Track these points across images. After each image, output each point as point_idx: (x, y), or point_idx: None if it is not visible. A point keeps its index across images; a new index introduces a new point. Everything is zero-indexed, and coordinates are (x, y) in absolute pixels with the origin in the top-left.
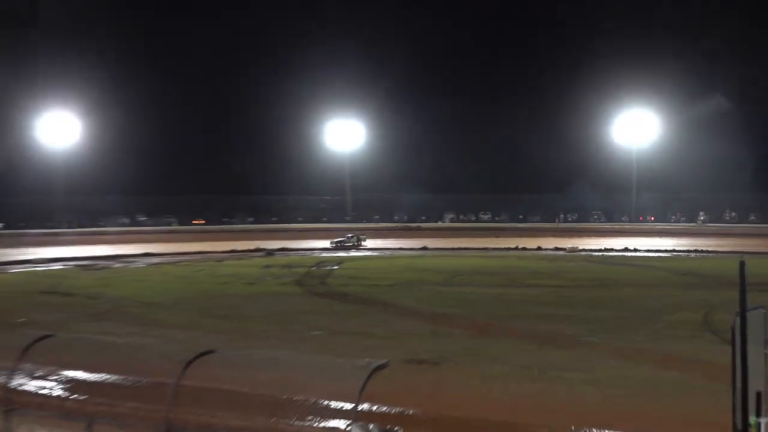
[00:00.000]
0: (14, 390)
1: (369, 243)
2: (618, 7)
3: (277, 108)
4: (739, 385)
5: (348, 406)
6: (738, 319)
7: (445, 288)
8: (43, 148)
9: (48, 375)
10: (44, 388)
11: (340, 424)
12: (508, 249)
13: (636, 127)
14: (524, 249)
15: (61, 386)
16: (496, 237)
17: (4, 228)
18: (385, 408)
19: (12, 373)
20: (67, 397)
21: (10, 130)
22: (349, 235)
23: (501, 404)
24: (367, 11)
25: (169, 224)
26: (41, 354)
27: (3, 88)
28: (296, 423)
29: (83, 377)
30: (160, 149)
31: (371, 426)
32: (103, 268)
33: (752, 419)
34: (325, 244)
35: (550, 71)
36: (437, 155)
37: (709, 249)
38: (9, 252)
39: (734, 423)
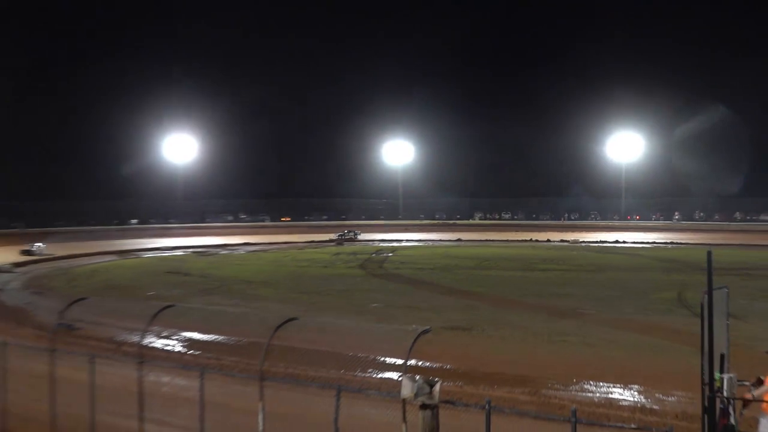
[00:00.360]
0: (145, 347)
1: (414, 236)
2: (611, 52)
3: (346, 129)
4: (706, 348)
5: (399, 362)
6: (705, 297)
7: (474, 271)
8: (167, 163)
9: (171, 335)
10: (168, 345)
11: (393, 375)
12: (524, 241)
13: (624, 146)
14: (536, 241)
15: (181, 344)
16: (515, 231)
17: (138, 223)
18: (428, 364)
19: (144, 333)
20: (185, 353)
21: (143, 148)
22: (346, 231)
23: (518, 362)
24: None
25: (262, 221)
26: (165, 319)
27: (137, 114)
28: (359, 374)
29: (197, 337)
30: (255, 163)
31: (417, 377)
32: (213, 254)
33: (717, 375)
34: (383, 236)
35: (558, 103)
36: (468, 168)
37: (683, 241)
38: (142, 241)
39: (702, 378)
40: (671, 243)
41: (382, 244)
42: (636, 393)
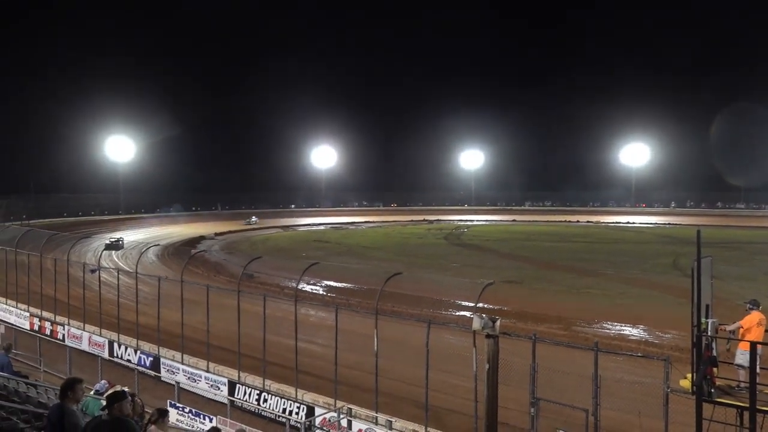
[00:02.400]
0: (299, 290)
1: (482, 218)
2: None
3: (433, 141)
4: (695, 300)
5: (471, 304)
6: (695, 263)
7: (524, 242)
8: (314, 168)
9: (316, 283)
10: (314, 289)
11: (467, 314)
12: (560, 222)
13: (634, 153)
14: (569, 222)
15: (322, 289)
16: (553, 215)
17: (295, 207)
18: (491, 306)
19: (299, 281)
20: (325, 294)
21: (299, 157)
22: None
23: (555, 306)
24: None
25: (378, 206)
26: (312, 272)
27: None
28: (443, 312)
29: (333, 284)
30: (373, 164)
31: (483, 315)
32: (344, 228)
33: (703, 320)
34: (460, 217)
35: (587, 119)
36: (524, 166)
37: (677, 223)
38: (297, 220)
39: (692, 321)
40: (668, 224)
41: (459, 223)
42: (641, 331)
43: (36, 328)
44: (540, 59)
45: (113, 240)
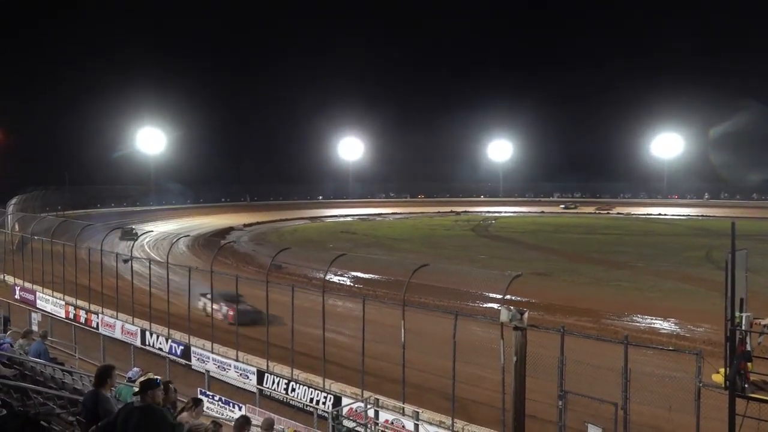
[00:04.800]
0: (327, 281)
1: (510, 209)
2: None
3: (461, 131)
4: (729, 294)
5: (499, 296)
6: (729, 256)
7: (553, 234)
8: (341, 160)
9: (343, 274)
10: (341, 280)
11: (494, 306)
12: (590, 213)
13: (666, 145)
14: (599, 213)
15: (349, 280)
16: (583, 206)
17: (323, 199)
18: (519, 298)
19: (326, 272)
20: (352, 285)
21: (327, 149)
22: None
23: (584, 299)
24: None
25: (405, 197)
26: (339, 263)
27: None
28: (470, 304)
29: (360, 275)
30: (401, 157)
31: (511, 308)
32: (371, 220)
33: (738, 314)
34: (488, 209)
35: (617, 110)
36: (554, 160)
37: (710, 215)
38: (325, 211)
39: (726, 316)
40: (702, 216)
41: (487, 215)
42: (673, 324)
43: (71, 316)
44: (570, 50)
45: (127, 229)
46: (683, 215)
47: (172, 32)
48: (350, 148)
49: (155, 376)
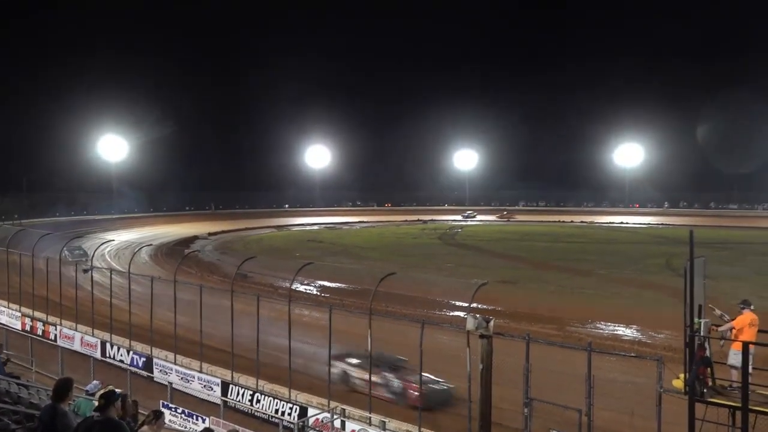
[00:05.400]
0: (293, 290)
1: (479, 217)
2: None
3: (427, 141)
4: (688, 300)
5: (465, 305)
6: (688, 263)
7: (519, 242)
8: (308, 168)
9: (310, 283)
10: (307, 289)
11: (461, 314)
12: (554, 222)
13: (628, 154)
14: (563, 222)
15: (316, 289)
16: (548, 215)
17: (288, 207)
18: (484, 306)
19: (292, 281)
20: (319, 295)
21: (292, 155)
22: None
23: (549, 306)
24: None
25: (372, 206)
26: (306, 272)
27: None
28: (437, 312)
29: (327, 284)
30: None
31: (477, 316)
32: (338, 228)
33: (696, 320)
34: (454, 217)
35: (581, 119)
36: (519, 169)
37: (670, 223)
38: (291, 219)
39: (684, 321)
40: (662, 224)
41: (453, 223)
42: (635, 331)
43: (28, 328)
44: (533, 59)
45: (73, 248)
46: (644, 224)
47: (134, 37)
48: (317, 156)
49: (114, 389)
